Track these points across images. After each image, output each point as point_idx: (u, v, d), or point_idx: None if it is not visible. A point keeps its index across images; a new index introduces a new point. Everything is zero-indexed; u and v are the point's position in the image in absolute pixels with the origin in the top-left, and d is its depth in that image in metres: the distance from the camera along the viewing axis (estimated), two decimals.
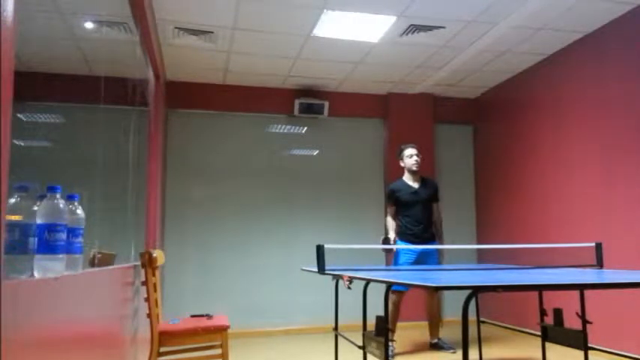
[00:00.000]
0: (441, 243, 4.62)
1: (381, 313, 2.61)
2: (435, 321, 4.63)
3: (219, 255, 5.74)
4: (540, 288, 2.97)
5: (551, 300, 3.56)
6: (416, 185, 4.57)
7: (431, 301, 4.60)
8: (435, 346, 4.60)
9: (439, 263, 4.44)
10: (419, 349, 4.67)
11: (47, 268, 1.36)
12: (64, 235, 1.42)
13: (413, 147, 4.62)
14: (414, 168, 4.54)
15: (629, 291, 4.01)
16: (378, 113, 6.32)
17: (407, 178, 4.61)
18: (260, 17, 4.26)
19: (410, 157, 4.57)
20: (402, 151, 4.66)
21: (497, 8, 4.10)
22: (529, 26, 4.45)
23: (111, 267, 2.50)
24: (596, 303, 4.24)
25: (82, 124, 4.12)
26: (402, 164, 4.65)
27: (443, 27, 4.46)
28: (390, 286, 2.46)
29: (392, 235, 4.49)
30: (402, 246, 4.47)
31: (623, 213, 4.16)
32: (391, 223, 4.61)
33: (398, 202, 4.58)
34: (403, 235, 4.54)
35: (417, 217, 4.50)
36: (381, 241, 4.45)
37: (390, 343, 2.56)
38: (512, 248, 5.31)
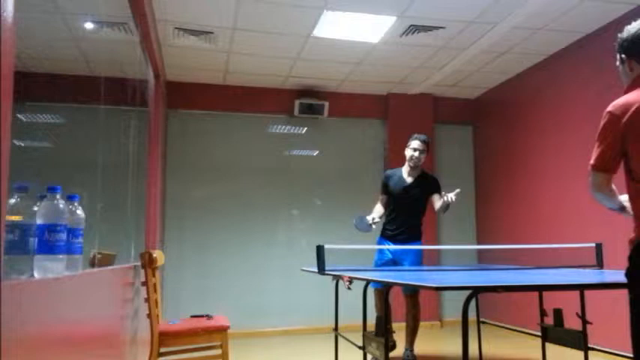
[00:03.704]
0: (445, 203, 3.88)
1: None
2: (409, 329, 4.15)
3: (219, 255, 5.73)
4: (540, 288, 2.98)
5: (551, 300, 3.55)
6: (410, 180, 4.14)
7: (409, 306, 4.12)
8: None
9: (420, 264, 4.09)
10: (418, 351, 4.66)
11: (47, 268, 1.36)
12: (64, 236, 1.42)
13: (420, 141, 4.11)
14: (410, 164, 4.14)
15: None
16: (378, 113, 6.32)
17: (404, 169, 4.20)
18: (260, 17, 4.26)
19: (413, 150, 4.10)
20: (409, 139, 4.19)
21: (497, 8, 4.10)
22: (529, 26, 4.45)
23: (111, 267, 2.50)
24: (596, 303, 4.24)
25: (82, 125, 4.12)
26: (405, 152, 4.19)
27: (443, 27, 4.46)
28: (389, 286, 2.45)
29: (371, 216, 4.03)
30: (381, 246, 4.15)
31: None
32: (378, 208, 4.24)
33: (388, 191, 4.19)
34: (382, 231, 4.23)
35: (400, 219, 4.13)
36: (357, 217, 3.98)
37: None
38: (512, 248, 5.31)
